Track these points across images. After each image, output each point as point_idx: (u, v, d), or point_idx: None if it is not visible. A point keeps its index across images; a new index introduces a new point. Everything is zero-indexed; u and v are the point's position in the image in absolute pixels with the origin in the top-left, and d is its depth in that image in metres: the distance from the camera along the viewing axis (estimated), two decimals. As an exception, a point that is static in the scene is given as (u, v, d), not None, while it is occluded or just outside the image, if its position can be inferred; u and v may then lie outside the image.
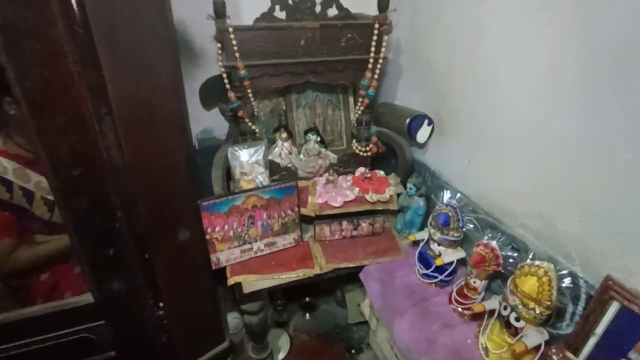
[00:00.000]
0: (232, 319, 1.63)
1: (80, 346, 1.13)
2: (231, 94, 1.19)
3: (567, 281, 0.84)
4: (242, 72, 1.14)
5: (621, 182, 0.76)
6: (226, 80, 1.18)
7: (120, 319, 1.14)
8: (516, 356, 0.90)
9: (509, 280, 0.91)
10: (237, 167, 1.26)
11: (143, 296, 1.13)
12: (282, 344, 1.63)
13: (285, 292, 1.70)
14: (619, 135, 0.74)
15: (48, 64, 0.80)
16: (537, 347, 0.88)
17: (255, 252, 1.26)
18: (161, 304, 1.17)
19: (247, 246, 1.24)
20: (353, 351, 1.61)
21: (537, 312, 0.85)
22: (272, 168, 1.34)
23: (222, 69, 1.16)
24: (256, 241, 1.24)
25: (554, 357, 0.86)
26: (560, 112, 0.85)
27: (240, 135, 1.31)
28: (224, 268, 1.24)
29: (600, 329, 0.81)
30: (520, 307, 0.88)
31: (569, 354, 0.84)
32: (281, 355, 1.59)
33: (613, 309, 0.78)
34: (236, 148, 1.25)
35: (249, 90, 1.19)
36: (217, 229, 1.16)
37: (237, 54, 1.12)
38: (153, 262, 1.09)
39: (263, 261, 1.25)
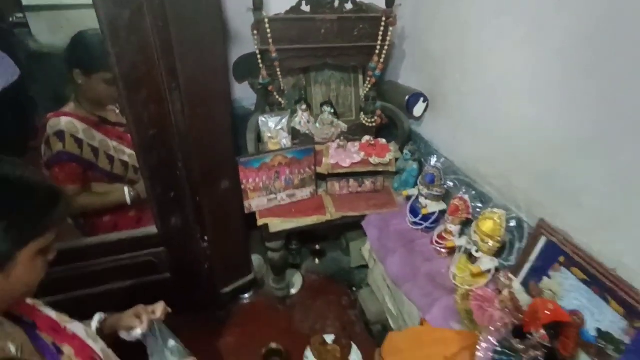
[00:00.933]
0: (255, 259, 1.97)
1: (145, 267, 1.48)
2: (264, 72, 1.46)
3: (513, 223, 1.15)
4: (274, 54, 1.41)
5: (556, 155, 1.04)
6: (260, 60, 1.45)
7: (176, 247, 1.48)
8: (474, 276, 1.22)
9: (474, 223, 1.22)
10: (266, 132, 1.55)
11: (193, 230, 1.46)
12: (295, 281, 1.98)
13: (299, 240, 2.03)
14: (560, 121, 1.02)
15: (138, 50, 1.08)
16: (490, 272, 1.20)
17: (279, 201, 1.57)
18: (206, 238, 1.50)
19: (273, 196, 1.55)
20: (354, 289, 1.95)
21: (491, 245, 1.16)
22: (294, 134, 1.63)
23: (257, 52, 1.42)
24: (280, 192, 1.55)
25: (501, 278, 1.18)
26: (520, 100, 1.13)
27: (269, 106, 1.59)
28: (253, 215, 1.55)
29: (533, 257, 1.12)
30: (479, 242, 1.19)
31: (510, 275, 1.15)
32: (295, 290, 1.94)
33: (542, 242, 1.09)
34: (265, 117, 1.54)
35: (278, 69, 1.47)
36: (250, 180, 1.47)
37: (270, 40, 1.38)
38: (202, 204, 1.41)
39: (285, 208, 1.56)
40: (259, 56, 1.43)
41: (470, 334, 1.10)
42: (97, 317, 1.05)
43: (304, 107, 1.64)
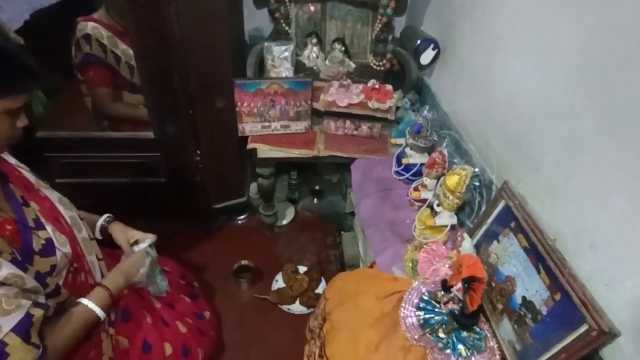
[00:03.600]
0: (253, 186, 2.06)
1: (143, 168, 1.62)
2: (271, -3, 1.46)
3: (477, 182, 1.10)
4: (280, -22, 1.39)
5: (526, 117, 0.97)
6: (269, -15, 1.44)
7: (170, 155, 1.60)
8: (430, 230, 1.20)
9: (442, 178, 1.18)
10: (269, 60, 1.56)
11: (187, 142, 1.56)
12: (288, 214, 2.06)
13: (300, 176, 2.09)
14: (538, 84, 0.93)
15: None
16: (446, 228, 1.17)
17: (272, 130, 1.61)
18: (198, 151, 1.60)
19: (267, 124, 1.59)
20: (342, 232, 2.00)
21: (450, 200, 1.13)
22: (298, 67, 1.63)
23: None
24: (275, 121, 1.59)
25: (458, 237, 1.16)
26: (511, 58, 1.03)
27: (276, 34, 1.59)
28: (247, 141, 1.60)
29: (490, 219, 1.08)
30: (442, 196, 1.16)
31: (465, 234, 1.12)
32: (285, 221, 2.03)
33: (501, 205, 1.04)
34: (271, 43, 1.54)
35: (286, -5, 1.45)
36: (245, 104, 1.51)
37: (277, -38, 1.36)
38: (197, 118, 1.50)
39: (277, 138, 1.60)
40: (267, -21, 1.42)
41: (407, 281, 1.12)
42: (105, 216, 1.23)
43: (314, 40, 1.62)
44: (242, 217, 2.03)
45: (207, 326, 1.41)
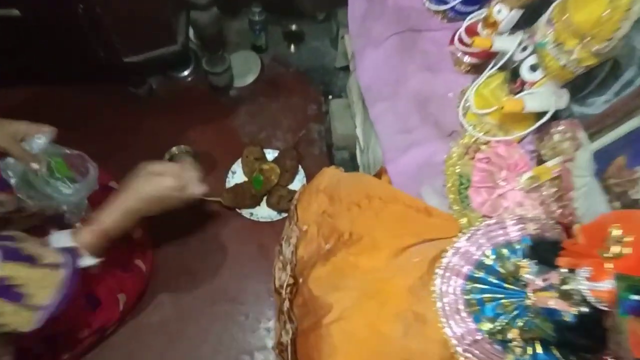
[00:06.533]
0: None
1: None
2: None
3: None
4: None
5: None
6: None
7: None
8: (503, 119, 0.61)
9: (554, 4, 0.53)
10: None
11: None
12: (251, 68, 1.39)
13: (267, 10, 1.35)
14: None
15: None
16: (540, 118, 0.58)
17: None
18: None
19: None
20: (330, 97, 1.38)
21: (575, 56, 0.50)
22: None
23: None
24: None
25: (555, 135, 0.58)
26: None
27: None
28: None
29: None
30: (550, 45, 0.52)
31: (580, 135, 0.54)
32: (246, 81, 1.38)
33: None
34: None
35: None
36: None
37: None
38: None
39: None
40: None
41: (450, 221, 0.58)
42: None
43: None
44: (185, 74, 1.37)
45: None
